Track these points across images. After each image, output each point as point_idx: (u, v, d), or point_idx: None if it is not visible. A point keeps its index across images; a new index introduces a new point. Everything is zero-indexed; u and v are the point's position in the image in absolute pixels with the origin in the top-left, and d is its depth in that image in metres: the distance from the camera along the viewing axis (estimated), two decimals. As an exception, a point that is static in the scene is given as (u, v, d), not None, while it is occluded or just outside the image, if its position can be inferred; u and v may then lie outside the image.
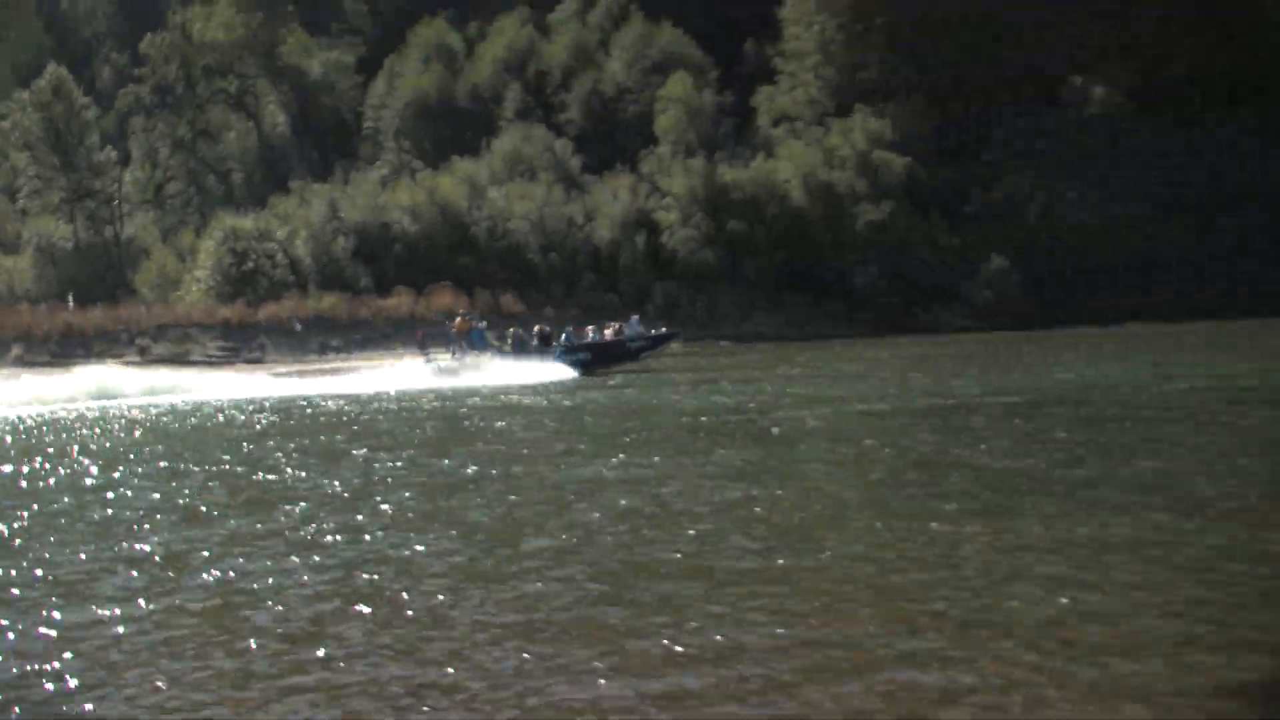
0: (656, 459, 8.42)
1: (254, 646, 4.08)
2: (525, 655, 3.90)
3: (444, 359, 22.49)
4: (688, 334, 31.99)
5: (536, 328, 23.89)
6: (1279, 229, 38.34)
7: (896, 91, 39.96)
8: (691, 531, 5.69)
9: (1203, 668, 3.62)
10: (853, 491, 6.79)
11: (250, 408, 16.42)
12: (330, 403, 16.71)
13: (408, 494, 7.32)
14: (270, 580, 5.05)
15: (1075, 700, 3.38)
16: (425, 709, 3.48)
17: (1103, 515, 5.73)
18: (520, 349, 22.62)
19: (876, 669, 3.68)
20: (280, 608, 4.55)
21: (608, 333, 23.09)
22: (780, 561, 5.03)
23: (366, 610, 4.52)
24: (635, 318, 24.88)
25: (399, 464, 8.84)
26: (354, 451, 9.76)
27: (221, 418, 14.68)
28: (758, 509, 6.23)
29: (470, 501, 6.92)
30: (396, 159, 43.38)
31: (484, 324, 24.08)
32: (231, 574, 5.21)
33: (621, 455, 8.72)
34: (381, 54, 44.39)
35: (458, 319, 24.25)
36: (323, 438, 11.22)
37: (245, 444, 10.92)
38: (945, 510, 5.97)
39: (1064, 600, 4.31)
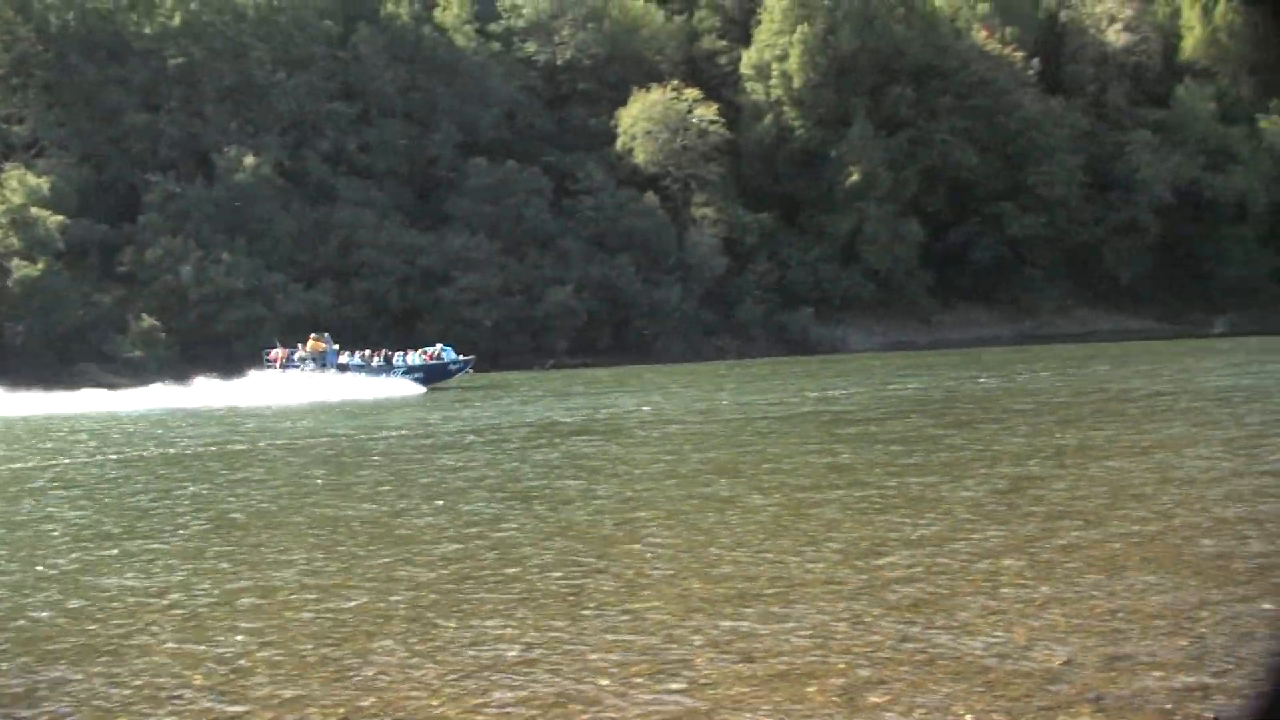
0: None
1: None
2: None
3: (310, 373, 48.54)
4: None
5: (368, 350, 51.71)
6: (405, 292, 67.79)
7: (53, 150, 65.72)
8: None
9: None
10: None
11: None
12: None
13: None
14: None
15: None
16: None
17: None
18: (365, 368, 48.96)
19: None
20: None
21: (428, 357, 49.98)
22: None
23: None
24: (440, 345, 52.47)
25: None
26: None
27: None
28: None
29: None
30: None
31: (336, 346, 50.48)
32: None
33: None
34: None
35: (310, 341, 50.23)
36: None
37: None
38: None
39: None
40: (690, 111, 76.10)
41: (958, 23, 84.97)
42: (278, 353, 52.03)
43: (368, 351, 52.01)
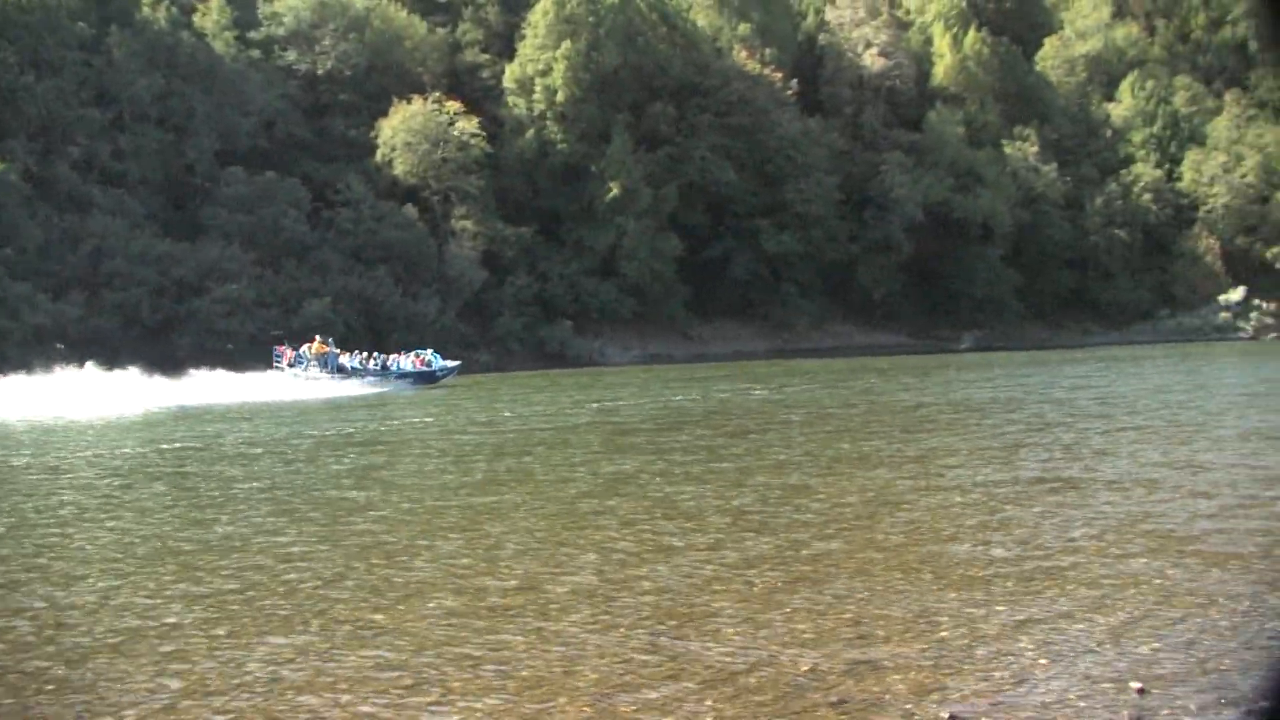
0: None
1: None
2: None
3: (313, 373, 56.51)
4: None
5: (365, 354, 59.81)
6: (159, 303, 72.66)
7: None
8: None
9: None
10: None
11: None
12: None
13: None
14: None
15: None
16: None
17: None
18: (363, 371, 57.07)
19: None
20: None
21: (418, 362, 57.82)
22: None
23: None
24: (431, 350, 60.52)
25: None
26: None
27: None
28: None
29: None
30: None
31: (338, 350, 59.05)
32: None
33: None
34: None
35: (316, 344, 58.99)
36: None
37: None
38: None
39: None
40: (451, 124, 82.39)
41: (719, 42, 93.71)
42: (288, 351, 59.92)
43: (365, 355, 59.64)
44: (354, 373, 57.23)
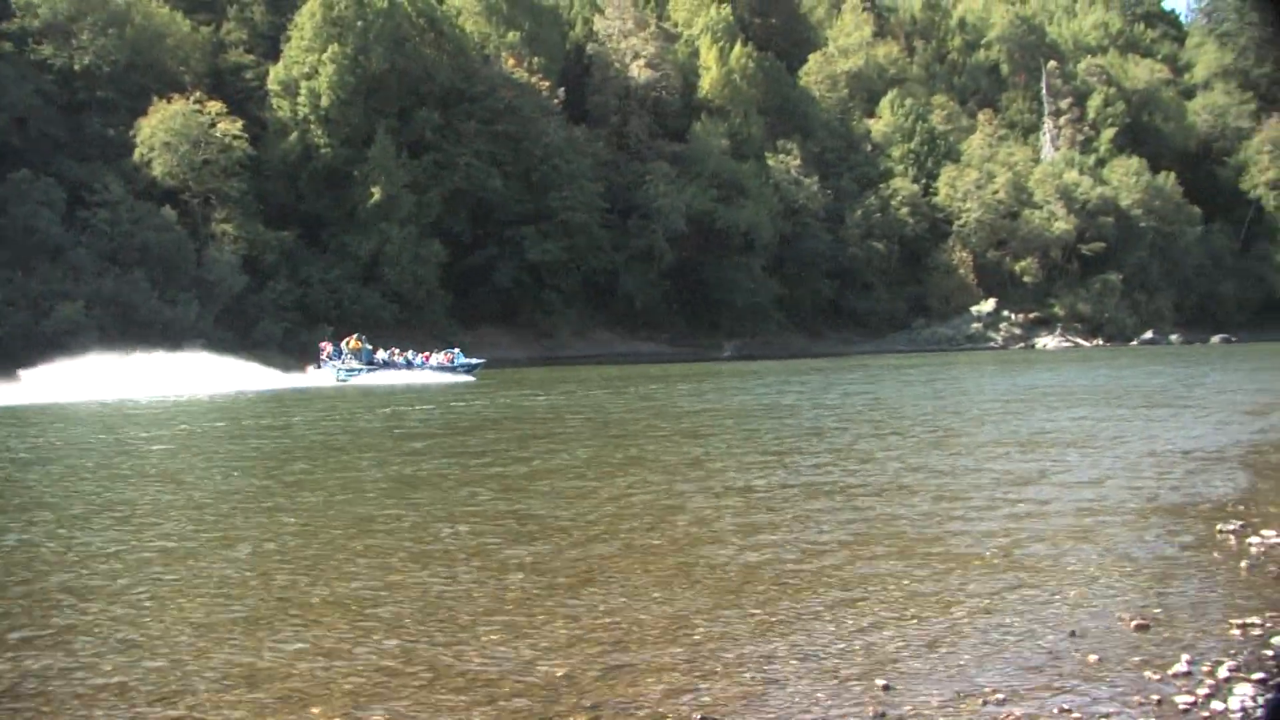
0: None
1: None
2: None
3: (352, 366, 65.72)
4: None
5: (395, 350, 69.21)
6: None
7: None
8: None
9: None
10: None
11: None
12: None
13: None
14: None
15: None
16: None
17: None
18: (393, 365, 66.76)
19: None
20: None
21: (446, 358, 67.43)
22: None
23: None
24: (458, 350, 70.23)
25: None
26: None
27: None
28: None
29: None
30: None
31: (372, 347, 68.14)
32: None
33: None
34: None
35: (353, 340, 67.93)
36: None
37: None
38: None
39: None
40: (213, 125, 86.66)
41: (487, 50, 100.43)
42: (327, 346, 69.46)
43: (395, 351, 69.25)
44: (385, 365, 66.85)
